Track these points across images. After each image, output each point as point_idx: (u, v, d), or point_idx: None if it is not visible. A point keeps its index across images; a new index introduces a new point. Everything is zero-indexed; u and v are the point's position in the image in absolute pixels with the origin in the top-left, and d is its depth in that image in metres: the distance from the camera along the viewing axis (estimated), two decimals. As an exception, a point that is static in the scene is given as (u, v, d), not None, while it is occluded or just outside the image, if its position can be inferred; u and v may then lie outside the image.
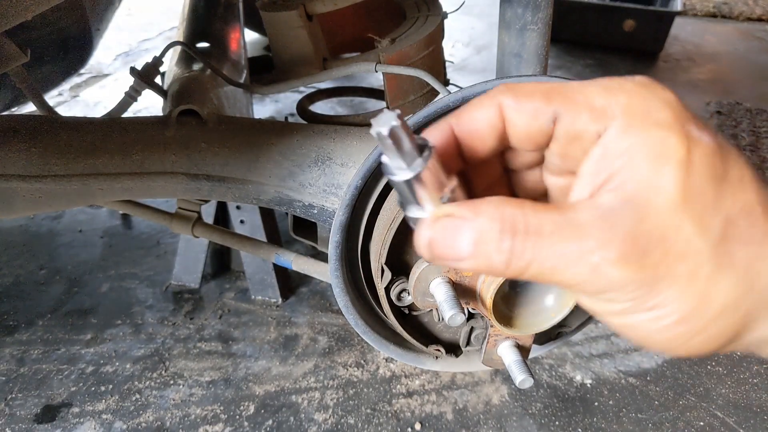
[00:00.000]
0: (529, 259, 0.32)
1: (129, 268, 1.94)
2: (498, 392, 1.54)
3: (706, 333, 0.32)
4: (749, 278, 0.32)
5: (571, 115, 0.34)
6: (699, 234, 0.31)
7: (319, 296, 1.84)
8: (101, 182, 0.92)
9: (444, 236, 0.33)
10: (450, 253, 0.33)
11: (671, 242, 0.31)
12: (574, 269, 0.31)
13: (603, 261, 0.31)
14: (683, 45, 3.79)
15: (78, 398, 1.50)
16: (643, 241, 0.31)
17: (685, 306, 0.31)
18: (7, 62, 0.91)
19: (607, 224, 0.31)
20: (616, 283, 0.31)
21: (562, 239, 0.31)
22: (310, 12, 1.14)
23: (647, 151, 0.31)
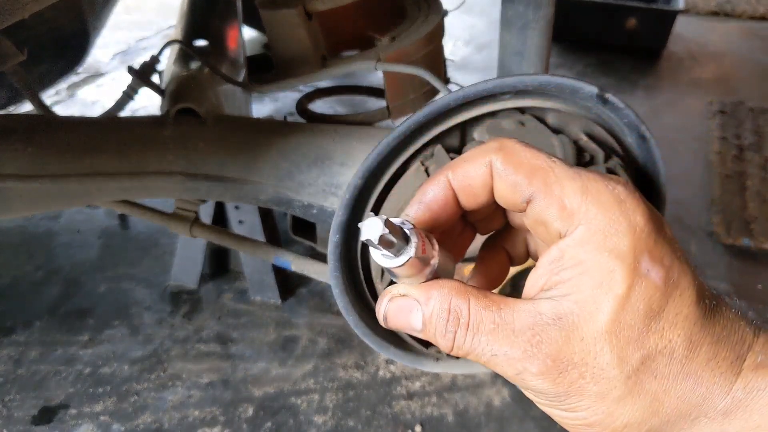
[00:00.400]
0: (468, 350, 0.36)
1: (127, 269, 1.93)
2: (499, 394, 1.53)
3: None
4: (654, 405, 0.35)
5: (543, 205, 0.36)
6: (616, 365, 0.34)
7: (319, 297, 1.83)
8: (99, 182, 0.91)
9: (398, 313, 0.38)
10: (405, 327, 0.38)
11: (588, 367, 0.34)
12: (503, 369, 0.36)
13: (525, 371, 0.35)
14: (686, 44, 3.78)
15: (75, 400, 1.49)
16: (563, 362, 0.34)
17: (592, 417, 0.35)
18: (4, 61, 0.90)
19: (535, 339, 0.35)
20: (535, 388, 0.36)
21: (496, 341, 0.35)
22: (310, 10, 1.13)
23: (594, 275, 0.34)
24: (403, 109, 1.19)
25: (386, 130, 0.85)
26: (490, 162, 0.38)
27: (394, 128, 0.62)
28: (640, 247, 0.34)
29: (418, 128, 0.63)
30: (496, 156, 0.38)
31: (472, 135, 0.67)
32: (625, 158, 0.69)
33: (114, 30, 3.65)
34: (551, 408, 0.37)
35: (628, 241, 0.34)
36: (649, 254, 0.34)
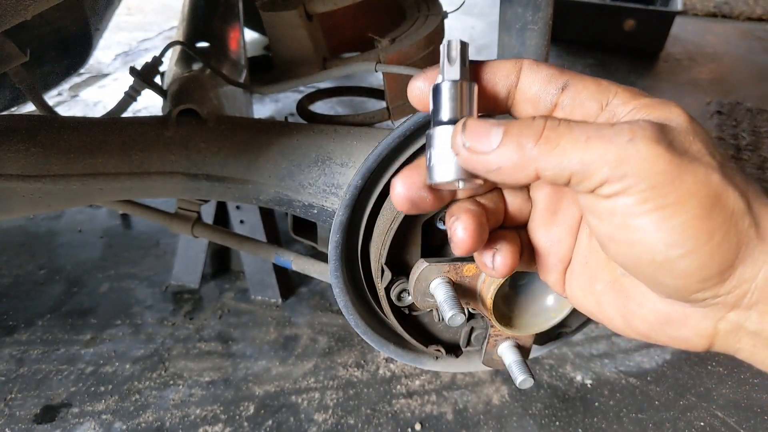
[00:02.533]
0: (565, 135, 0.34)
1: (128, 269, 1.94)
2: (498, 392, 1.53)
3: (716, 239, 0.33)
4: (745, 200, 0.35)
5: (581, 86, 0.39)
6: (708, 153, 0.35)
7: (319, 296, 1.84)
8: (101, 182, 0.92)
9: (476, 128, 0.37)
10: (481, 143, 0.36)
11: (688, 149, 0.34)
12: (609, 143, 0.33)
13: (638, 135, 0.33)
14: (684, 45, 3.79)
15: (77, 398, 1.50)
16: (669, 134, 0.34)
17: (702, 201, 0.33)
18: (6, 62, 0.91)
19: (639, 121, 0.34)
20: (647, 158, 0.32)
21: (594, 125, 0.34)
22: (310, 11, 1.14)
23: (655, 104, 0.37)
24: (403, 110, 1.19)
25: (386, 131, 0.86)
26: (520, 64, 0.40)
27: (394, 129, 0.63)
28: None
29: (417, 129, 0.63)
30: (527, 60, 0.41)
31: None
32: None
33: (116, 31, 3.66)
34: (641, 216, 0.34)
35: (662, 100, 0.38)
36: None
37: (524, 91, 0.40)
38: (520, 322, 0.64)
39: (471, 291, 0.61)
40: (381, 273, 0.65)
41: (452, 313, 0.55)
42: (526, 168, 0.35)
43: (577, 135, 0.34)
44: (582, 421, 1.46)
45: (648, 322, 0.41)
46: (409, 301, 0.68)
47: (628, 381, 1.57)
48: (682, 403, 1.51)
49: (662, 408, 1.50)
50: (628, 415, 1.48)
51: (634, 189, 0.33)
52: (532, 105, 0.41)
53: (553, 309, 0.63)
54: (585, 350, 1.66)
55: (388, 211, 0.65)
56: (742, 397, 1.52)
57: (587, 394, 1.54)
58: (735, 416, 1.47)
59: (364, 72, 1.13)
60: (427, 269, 0.59)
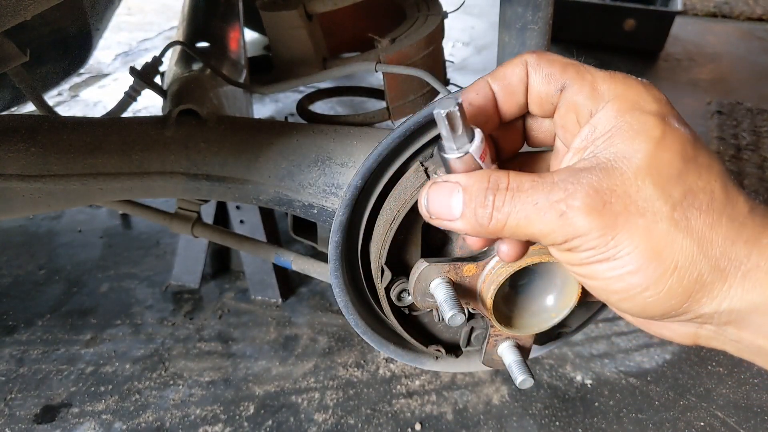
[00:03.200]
0: (508, 212, 0.37)
1: (128, 269, 1.94)
2: (498, 392, 1.53)
3: (659, 288, 0.35)
4: (703, 244, 0.34)
5: (576, 88, 0.39)
6: (659, 197, 0.34)
7: (319, 296, 1.84)
8: (101, 182, 0.92)
9: (438, 195, 0.40)
10: (444, 211, 0.40)
11: (632, 199, 0.34)
12: (544, 217, 0.36)
13: (569, 208, 0.35)
14: (684, 45, 3.79)
15: (77, 398, 1.50)
16: (605, 194, 0.34)
17: (640, 257, 0.34)
18: (6, 62, 0.91)
19: (575, 179, 0.35)
20: (579, 229, 0.35)
21: (536, 192, 0.36)
22: (310, 11, 1.14)
23: (627, 129, 0.36)
24: (403, 110, 1.19)
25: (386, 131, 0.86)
26: (525, 61, 0.42)
27: (393, 129, 0.63)
28: (666, 110, 0.36)
29: (417, 129, 0.63)
30: (530, 56, 0.41)
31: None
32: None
33: (116, 31, 3.66)
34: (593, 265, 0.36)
35: (655, 105, 0.37)
36: (675, 117, 0.37)
37: (534, 92, 0.42)
38: (520, 322, 0.64)
39: (471, 291, 0.61)
40: (381, 273, 0.65)
41: (452, 313, 0.55)
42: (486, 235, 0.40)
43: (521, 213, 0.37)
44: (582, 421, 1.46)
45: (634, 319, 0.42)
46: (409, 301, 0.68)
47: (628, 381, 1.57)
48: (682, 403, 1.51)
49: (662, 408, 1.50)
50: (628, 415, 1.48)
51: (576, 250, 0.36)
52: (537, 105, 0.42)
53: (552, 309, 0.63)
54: (585, 350, 1.66)
55: (388, 211, 0.65)
56: (741, 397, 1.52)
57: (587, 394, 1.54)
58: (735, 416, 1.47)
59: (364, 72, 1.13)
60: (427, 269, 0.59)
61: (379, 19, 1.36)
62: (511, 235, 0.38)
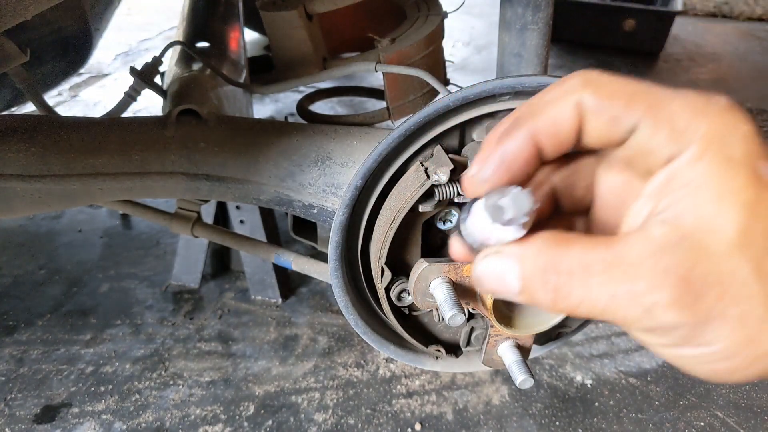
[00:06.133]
0: (580, 299, 0.32)
1: (128, 269, 1.94)
2: (498, 392, 1.53)
3: (750, 369, 0.32)
4: None
5: (651, 130, 0.32)
6: (755, 279, 0.30)
7: (319, 296, 1.84)
8: (101, 182, 0.92)
9: (492, 276, 0.35)
10: (501, 291, 0.35)
11: (726, 286, 0.30)
12: (626, 310, 0.31)
13: (655, 305, 0.30)
14: (684, 45, 3.79)
15: (77, 398, 1.50)
16: (697, 285, 0.30)
17: (732, 346, 0.31)
18: (6, 62, 0.91)
19: (660, 265, 0.30)
20: (667, 324, 0.31)
21: (612, 280, 0.31)
22: (310, 12, 1.14)
23: (713, 186, 0.30)
24: (403, 110, 1.19)
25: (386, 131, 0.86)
26: (578, 101, 0.33)
27: (394, 129, 0.63)
28: (756, 152, 0.31)
29: (417, 129, 0.63)
30: (584, 92, 0.33)
31: (472, 135, 0.68)
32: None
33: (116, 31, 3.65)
34: (681, 348, 0.32)
35: (744, 148, 0.31)
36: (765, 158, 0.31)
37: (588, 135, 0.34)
38: (520, 322, 0.64)
39: (471, 291, 0.61)
40: (381, 273, 0.65)
41: (452, 313, 0.55)
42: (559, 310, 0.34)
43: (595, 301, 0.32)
44: (582, 422, 1.46)
45: None
46: (409, 301, 0.68)
47: (628, 381, 1.57)
48: (682, 403, 1.51)
49: (662, 408, 1.50)
50: (628, 416, 1.48)
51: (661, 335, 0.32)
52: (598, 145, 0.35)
53: (553, 309, 0.63)
54: (585, 350, 1.66)
55: (388, 211, 0.65)
56: (741, 397, 1.52)
57: (587, 394, 1.53)
58: (735, 416, 1.47)
59: (364, 72, 1.13)
60: (427, 269, 0.59)
61: (379, 19, 1.36)
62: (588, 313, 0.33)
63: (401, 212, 0.61)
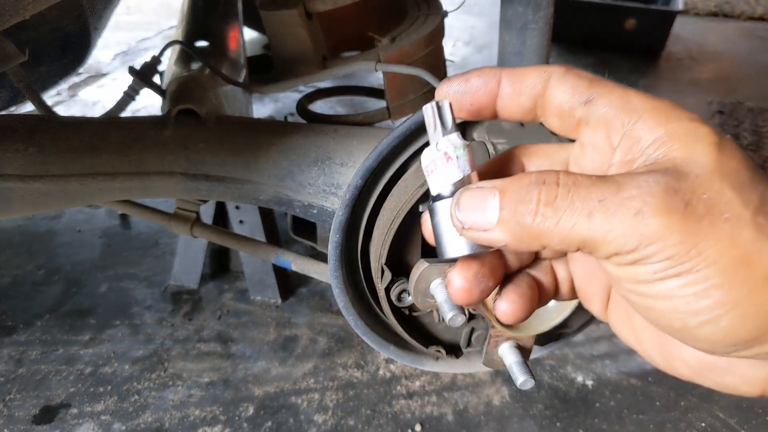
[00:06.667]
0: (562, 209, 0.31)
1: (128, 269, 1.93)
2: (499, 393, 1.53)
3: (741, 308, 0.30)
4: None
5: (605, 101, 0.35)
6: (740, 201, 0.30)
7: (319, 297, 1.83)
8: (99, 182, 0.92)
9: (472, 202, 0.35)
10: (478, 219, 0.34)
11: (714, 202, 0.30)
12: (613, 217, 0.30)
13: (645, 206, 0.30)
14: (685, 44, 3.79)
15: (77, 399, 1.50)
16: (686, 194, 0.30)
17: (728, 267, 0.29)
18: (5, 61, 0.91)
19: (645, 178, 0.31)
20: (656, 233, 0.29)
21: (601, 188, 0.31)
22: (310, 10, 1.13)
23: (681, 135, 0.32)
24: (403, 110, 1.19)
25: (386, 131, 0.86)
26: (550, 72, 0.38)
27: (394, 128, 0.62)
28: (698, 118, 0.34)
29: (418, 128, 0.63)
30: (556, 67, 0.38)
31: (472, 135, 0.67)
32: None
33: (115, 30, 3.66)
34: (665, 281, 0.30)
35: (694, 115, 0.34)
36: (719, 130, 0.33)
37: (549, 102, 0.38)
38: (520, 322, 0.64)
39: (472, 292, 0.61)
40: (381, 273, 0.64)
41: (453, 313, 0.55)
42: (530, 243, 0.33)
43: (579, 210, 0.31)
44: (583, 422, 1.46)
45: (689, 366, 0.37)
46: (410, 301, 0.67)
47: (630, 382, 1.57)
48: (684, 404, 1.50)
49: (663, 409, 1.49)
50: (629, 416, 1.47)
51: (645, 261, 0.31)
52: (557, 117, 0.38)
53: (554, 309, 0.63)
54: (586, 351, 1.65)
55: (388, 211, 0.64)
56: (743, 397, 1.52)
57: (588, 394, 1.53)
58: (736, 417, 1.47)
59: (364, 71, 1.12)
60: (428, 269, 0.59)
61: (380, 18, 1.35)
62: (561, 241, 0.32)
63: (401, 212, 0.61)
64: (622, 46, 3.59)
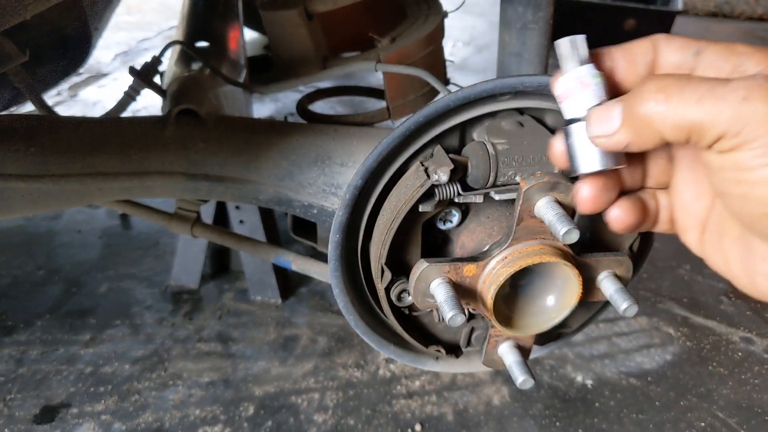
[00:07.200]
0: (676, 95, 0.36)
1: (128, 269, 1.93)
2: (499, 393, 1.53)
3: None
4: None
5: (713, 50, 0.40)
6: None
7: (319, 297, 1.83)
8: (100, 182, 0.92)
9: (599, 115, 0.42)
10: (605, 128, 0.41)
11: None
12: (723, 101, 0.34)
13: (753, 92, 0.34)
14: (684, 45, 3.79)
15: (77, 399, 1.50)
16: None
17: None
18: (6, 62, 0.91)
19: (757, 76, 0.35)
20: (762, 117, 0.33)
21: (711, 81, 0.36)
22: (310, 11, 1.14)
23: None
24: (403, 110, 1.19)
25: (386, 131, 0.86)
26: (654, 41, 0.43)
27: (394, 128, 0.63)
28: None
29: (417, 129, 0.63)
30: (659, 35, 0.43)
31: (472, 135, 0.67)
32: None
33: (115, 31, 3.66)
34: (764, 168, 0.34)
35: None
36: None
37: (664, 63, 0.42)
38: (520, 322, 0.64)
39: (471, 291, 0.61)
40: (381, 273, 0.65)
41: (452, 313, 0.55)
42: (649, 135, 0.39)
43: (689, 95, 0.36)
44: (582, 422, 1.46)
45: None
46: (410, 301, 0.67)
47: (629, 381, 1.57)
48: (683, 404, 1.51)
49: (663, 409, 1.49)
50: (628, 416, 1.47)
51: (749, 145, 0.34)
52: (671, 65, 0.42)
53: (553, 309, 0.63)
54: (585, 351, 1.65)
55: (388, 211, 0.65)
56: (742, 397, 1.52)
57: (588, 394, 1.53)
58: (736, 417, 1.47)
59: (364, 71, 1.13)
60: (428, 269, 0.59)
61: (380, 18, 1.35)
62: (673, 127, 0.37)
63: (401, 212, 0.61)
64: (621, 47, 3.60)
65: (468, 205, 0.65)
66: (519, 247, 0.59)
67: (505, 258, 0.59)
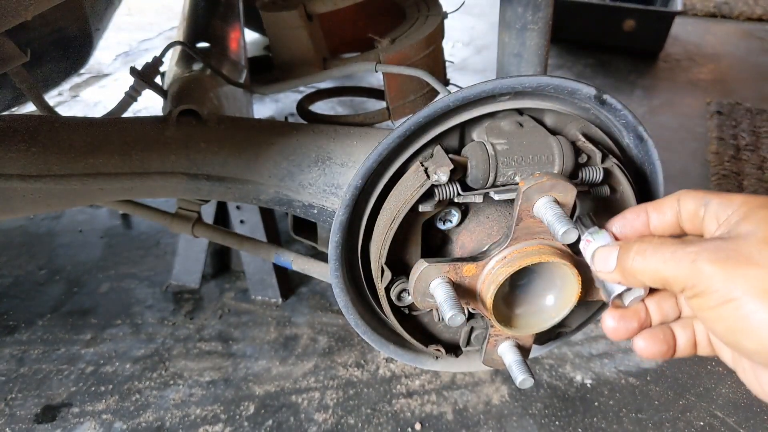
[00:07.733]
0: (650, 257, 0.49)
1: (129, 269, 1.94)
2: (498, 392, 1.54)
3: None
4: None
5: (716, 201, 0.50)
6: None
7: (319, 296, 1.84)
8: (101, 182, 0.92)
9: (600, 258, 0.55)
10: (604, 264, 0.54)
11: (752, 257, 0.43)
12: (679, 263, 0.46)
13: (698, 256, 0.45)
14: (683, 45, 3.79)
15: (78, 398, 1.50)
16: (730, 252, 0.44)
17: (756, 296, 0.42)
18: (7, 62, 0.91)
19: (706, 241, 0.47)
20: (705, 274, 0.44)
21: (676, 245, 0.48)
22: (310, 12, 1.14)
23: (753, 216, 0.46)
24: (403, 110, 1.20)
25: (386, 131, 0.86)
26: (678, 195, 0.54)
27: (394, 129, 0.63)
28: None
29: (417, 129, 0.63)
30: (682, 191, 0.54)
31: (471, 135, 0.68)
32: (623, 159, 0.70)
33: (116, 31, 3.66)
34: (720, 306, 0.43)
35: None
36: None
37: (684, 210, 0.53)
38: (519, 321, 0.64)
39: (471, 291, 0.62)
40: (381, 273, 0.65)
41: (452, 313, 0.55)
42: (634, 281, 0.52)
43: (659, 256, 0.48)
44: (582, 421, 1.46)
45: None
46: (409, 301, 0.68)
47: (628, 381, 1.57)
48: (682, 403, 1.51)
49: (662, 408, 1.50)
50: (627, 415, 1.48)
51: (704, 294, 0.45)
52: (689, 222, 0.53)
53: (552, 308, 0.63)
54: (585, 350, 1.66)
55: (388, 211, 0.65)
56: (741, 396, 1.52)
57: (587, 393, 1.54)
58: (734, 416, 1.47)
59: (364, 72, 1.13)
60: (427, 269, 0.60)
61: (380, 19, 1.36)
62: (650, 278, 0.49)
63: (401, 212, 0.61)
64: (620, 47, 3.60)
65: (468, 205, 0.66)
66: (518, 247, 0.59)
67: (504, 258, 0.59)
